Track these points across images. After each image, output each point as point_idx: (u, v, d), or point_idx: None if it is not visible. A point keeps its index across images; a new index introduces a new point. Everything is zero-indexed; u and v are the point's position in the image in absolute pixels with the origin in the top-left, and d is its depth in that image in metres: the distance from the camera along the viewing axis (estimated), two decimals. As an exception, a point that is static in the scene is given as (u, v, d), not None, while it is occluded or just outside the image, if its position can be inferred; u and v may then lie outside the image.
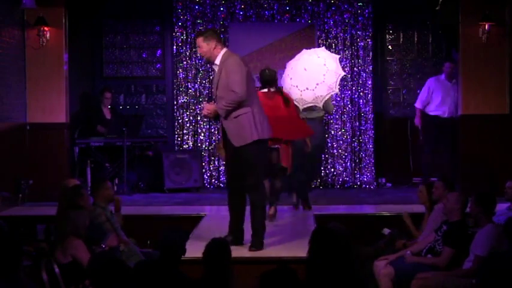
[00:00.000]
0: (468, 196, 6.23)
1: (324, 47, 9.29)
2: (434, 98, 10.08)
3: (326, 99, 8.29)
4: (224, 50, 6.55)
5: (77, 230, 5.58)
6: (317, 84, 8.19)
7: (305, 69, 8.30)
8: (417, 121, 10.17)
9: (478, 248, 5.63)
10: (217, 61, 6.49)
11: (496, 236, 5.66)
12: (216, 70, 6.54)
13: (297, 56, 8.59)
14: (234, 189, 6.67)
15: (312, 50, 8.77)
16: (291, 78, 8.38)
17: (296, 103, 8.19)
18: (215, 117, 6.61)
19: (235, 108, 6.38)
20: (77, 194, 6.12)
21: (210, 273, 4.56)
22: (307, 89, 8.19)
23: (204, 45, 6.47)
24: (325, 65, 8.27)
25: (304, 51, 8.65)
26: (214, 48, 6.47)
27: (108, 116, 10.48)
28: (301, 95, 8.23)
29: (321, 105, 8.34)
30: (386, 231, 7.21)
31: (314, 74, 8.22)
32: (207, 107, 6.53)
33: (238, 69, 6.40)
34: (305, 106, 8.29)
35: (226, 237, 6.47)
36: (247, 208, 6.69)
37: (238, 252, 6.34)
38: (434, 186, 6.90)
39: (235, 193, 6.67)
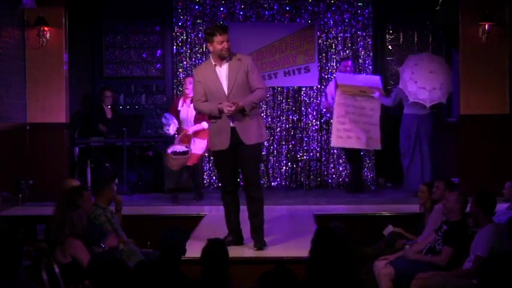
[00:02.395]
0: (468, 196, 6.24)
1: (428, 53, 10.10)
2: None
3: (435, 103, 9.30)
4: None
5: (75, 230, 5.59)
6: (434, 88, 9.25)
7: (431, 72, 9.32)
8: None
9: (478, 248, 5.63)
10: (228, 58, 6.47)
11: (496, 236, 5.67)
12: (224, 67, 6.45)
13: (409, 62, 9.54)
14: (232, 190, 6.68)
15: (425, 55, 9.94)
16: (416, 82, 9.31)
17: (423, 102, 9.28)
18: (232, 115, 6.40)
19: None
20: (78, 195, 6.13)
21: (208, 273, 4.57)
22: (434, 88, 9.27)
23: (229, 41, 6.48)
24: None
25: (412, 56, 9.77)
26: None
27: (109, 115, 10.49)
28: (429, 95, 9.27)
29: (428, 105, 9.28)
30: (390, 228, 7.21)
31: (438, 77, 9.32)
32: (229, 105, 6.31)
33: (257, 68, 6.66)
34: (432, 104, 9.28)
35: (227, 238, 6.48)
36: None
37: (238, 252, 6.35)
38: (435, 186, 6.91)
39: (233, 193, 6.69)
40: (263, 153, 10.13)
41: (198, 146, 9.19)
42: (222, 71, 6.47)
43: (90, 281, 4.21)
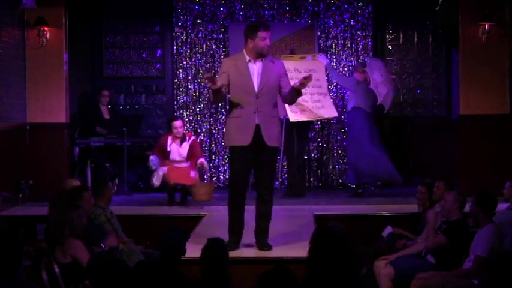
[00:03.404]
0: (467, 196, 6.24)
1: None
2: None
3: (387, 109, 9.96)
4: None
5: (75, 230, 5.59)
6: (392, 94, 9.84)
7: (393, 78, 9.94)
8: None
9: (478, 248, 5.63)
10: (264, 58, 6.43)
11: (497, 236, 5.67)
12: (258, 65, 6.39)
13: (373, 65, 9.78)
14: (244, 191, 6.56)
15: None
16: (385, 85, 9.59)
17: (385, 105, 9.72)
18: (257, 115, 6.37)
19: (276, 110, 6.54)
20: (78, 195, 6.13)
21: (208, 273, 4.57)
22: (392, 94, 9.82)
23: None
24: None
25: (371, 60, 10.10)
26: None
27: (106, 115, 10.47)
28: (390, 100, 9.80)
29: (386, 109, 9.91)
30: (389, 229, 7.21)
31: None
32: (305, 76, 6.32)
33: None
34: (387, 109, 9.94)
35: (235, 244, 6.42)
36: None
37: (238, 252, 6.35)
38: (436, 186, 6.92)
39: (244, 195, 6.56)
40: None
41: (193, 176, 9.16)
42: (255, 68, 6.40)
43: (90, 280, 4.22)
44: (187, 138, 9.16)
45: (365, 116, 9.56)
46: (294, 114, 9.53)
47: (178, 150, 9.09)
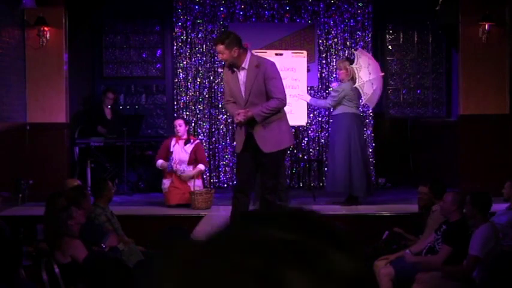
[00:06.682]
0: (466, 196, 6.24)
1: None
2: None
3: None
4: (249, 53, 6.50)
5: (73, 230, 5.59)
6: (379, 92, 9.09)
7: (382, 74, 9.12)
8: None
9: (472, 248, 5.61)
10: (245, 65, 6.40)
11: (493, 235, 5.67)
12: (242, 74, 6.40)
13: (361, 61, 8.93)
14: (245, 189, 6.59)
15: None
16: (372, 84, 8.75)
17: (371, 105, 9.43)
18: (247, 123, 6.37)
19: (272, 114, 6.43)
20: (80, 195, 6.14)
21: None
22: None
23: (226, 52, 6.33)
24: None
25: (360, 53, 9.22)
26: (238, 54, 6.36)
27: (109, 116, 10.51)
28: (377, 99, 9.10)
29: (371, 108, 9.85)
30: (386, 234, 7.22)
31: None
32: (244, 113, 6.27)
33: (278, 75, 6.50)
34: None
35: None
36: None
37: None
38: (418, 191, 6.98)
39: (246, 193, 6.59)
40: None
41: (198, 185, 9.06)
42: (241, 76, 6.43)
43: (87, 280, 4.21)
44: (192, 140, 9.15)
45: (346, 121, 8.74)
46: None
47: (180, 150, 9.04)
